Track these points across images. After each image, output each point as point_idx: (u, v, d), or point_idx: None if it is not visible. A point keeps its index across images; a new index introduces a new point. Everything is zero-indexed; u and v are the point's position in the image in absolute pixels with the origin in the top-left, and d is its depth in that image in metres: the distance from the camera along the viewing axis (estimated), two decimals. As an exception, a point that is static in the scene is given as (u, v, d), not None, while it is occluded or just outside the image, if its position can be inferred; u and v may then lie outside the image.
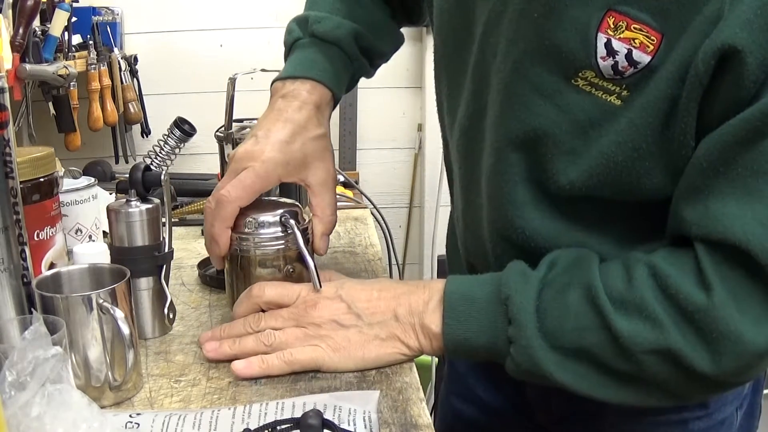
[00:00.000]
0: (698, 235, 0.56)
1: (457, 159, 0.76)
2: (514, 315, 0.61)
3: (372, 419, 0.58)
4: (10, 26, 1.40)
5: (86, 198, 0.91)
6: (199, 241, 1.11)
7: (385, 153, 2.19)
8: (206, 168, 2.00)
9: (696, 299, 0.55)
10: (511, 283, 0.62)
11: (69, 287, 0.67)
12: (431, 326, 0.66)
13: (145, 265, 0.76)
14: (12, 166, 0.63)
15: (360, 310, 0.68)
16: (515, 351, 0.61)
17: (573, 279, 0.61)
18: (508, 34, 0.63)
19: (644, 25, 0.55)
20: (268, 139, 0.73)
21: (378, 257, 1.01)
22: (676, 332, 0.56)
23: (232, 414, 0.58)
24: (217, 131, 0.97)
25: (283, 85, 0.78)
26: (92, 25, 1.80)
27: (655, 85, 0.56)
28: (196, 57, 2.02)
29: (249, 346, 0.69)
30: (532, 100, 0.62)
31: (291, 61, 0.81)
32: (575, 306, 0.60)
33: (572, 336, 0.59)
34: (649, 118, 0.57)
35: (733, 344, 0.54)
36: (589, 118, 0.60)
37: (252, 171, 0.71)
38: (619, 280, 0.59)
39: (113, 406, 0.63)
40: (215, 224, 0.70)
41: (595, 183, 0.61)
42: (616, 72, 0.57)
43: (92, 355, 0.62)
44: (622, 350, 0.58)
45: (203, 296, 0.89)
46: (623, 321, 0.57)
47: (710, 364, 0.55)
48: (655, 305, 0.57)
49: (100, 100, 1.82)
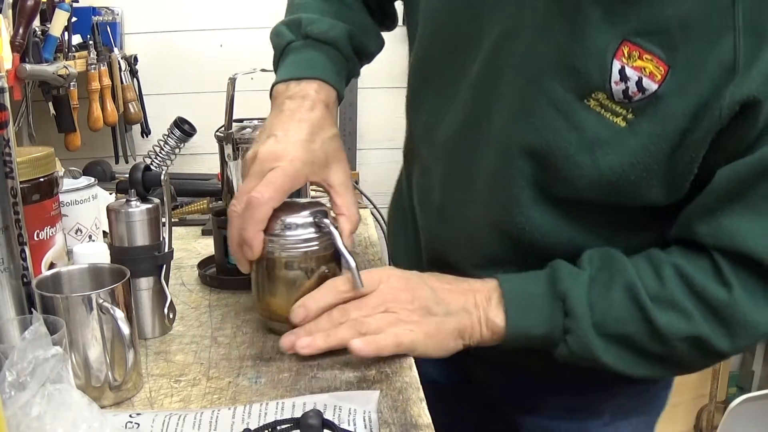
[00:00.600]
0: (714, 245, 0.67)
1: (443, 157, 0.80)
2: (572, 309, 0.69)
3: (372, 419, 0.58)
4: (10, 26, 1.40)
5: (86, 198, 0.91)
6: (199, 241, 1.11)
7: (385, 153, 2.19)
8: (206, 168, 2.00)
9: (720, 295, 0.66)
10: (567, 281, 0.70)
11: (69, 287, 0.67)
12: (495, 320, 0.72)
13: (145, 265, 0.76)
14: (12, 166, 0.63)
15: (441, 300, 0.72)
16: (572, 339, 0.70)
17: (614, 277, 0.70)
18: (524, 50, 0.68)
19: (654, 56, 0.62)
20: (288, 138, 0.71)
21: (378, 257, 1.01)
22: (703, 322, 0.67)
23: (232, 414, 0.58)
24: (217, 131, 0.97)
25: (287, 87, 0.77)
26: (92, 25, 1.80)
27: (663, 115, 0.63)
28: (196, 57, 2.02)
29: (345, 335, 0.68)
30: (548, 113, 0.68)
31: (289, 64, 0.80)
32: (619, 301, 0.69)
33: (617, 326, 0.69)
34: (661, 145, 0.64)
35: (749, 330, 0.67)
36: (597, 136, 0.66)
37: (281, 171, 0.69)
38: (652, 279, 0.69)
39: (113, 406, 0.63)
40: (248, 227, 0.68)
41: (599, 193, 0.68)
42: (626, 96, 0.64)
43: (92, 355, 0.62)
44: (659, 337, 0.68)
45: (203, 296, 0.89)
46: (661, 314, 0.68)
47: (729, 345, 0.67)
48: (685, 301, 0.67)
49: (100, 100, 1.82)
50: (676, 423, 2.33)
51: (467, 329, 0.73)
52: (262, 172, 0.69)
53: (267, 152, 0.71)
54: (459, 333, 0.73)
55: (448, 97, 0.77)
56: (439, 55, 0.78)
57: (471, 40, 0.73)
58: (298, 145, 0.71)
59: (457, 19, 0.75)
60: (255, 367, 0.70)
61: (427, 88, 0.81)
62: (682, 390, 2.29)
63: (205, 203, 1.27)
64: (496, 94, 0.72)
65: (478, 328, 0.73)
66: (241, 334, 0.77)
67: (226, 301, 0.87)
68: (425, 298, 0.72)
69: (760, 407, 1.94)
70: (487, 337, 0.73)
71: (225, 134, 0.95)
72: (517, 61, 0.69)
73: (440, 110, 0.79)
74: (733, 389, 2.36)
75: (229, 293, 0.89)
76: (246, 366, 0.70)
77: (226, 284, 0.90)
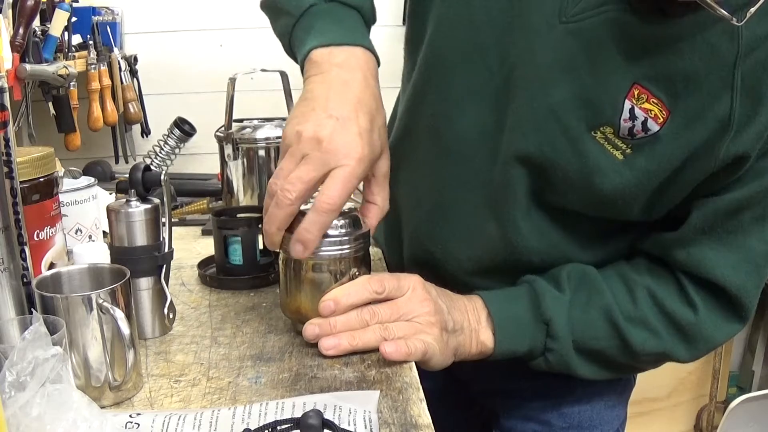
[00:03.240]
0: (683, 270, 0.76)
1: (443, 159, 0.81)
2: (555, 331, 0.77)
3: (372, 419, 0.58)
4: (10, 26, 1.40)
5: (86, 198, 0.91)
6: (199, 241, 1.11)
7: (385, 153, 2.19)
8: (206, 168, 2.00)
9: (686, 316, 0.76)
10: (549, 305, 0.77)
11: (69, 287, 0.67)
12: (486, 342, 0.77)
13: (145, 265, 0.76)
14: (12, 166, 0.63)
15: (450, 317, 0.75)
16: (552, 357, 0.78)
17: (591, 299, 0.77)
18: (544, 78, 0.72)
19: (659, 100, 0.68)
20: (353, 128, 0.67)
21: (378, 257, 1.01)
22: (670, 340, 0.77)
23: (232, 414, 0.58)
24: (217, 131, 0.97)
25: (330, 52, 0.72)
26: (92, 25, 1.80)
27: (658, 155, 0.70)
28: (196, 57, 2.02)
29: (370, 339, 0.70)
30: (555, 136, 0.72)
31: (323, 28, 0.75)
32: (596, 321, 0.77)
33: (593, 343, 0.77)
34: (651, 181, 0.71)
35: (708, 344, 0.77)
36: (597, 165, 0.72)
37: (351, 174, 0.66)
38: (627, 301, 0.77)
39: (113, 406, 0.63)
40: (311, 229, 0.67)
41: (585, 208, 0.76)
42: (630, 133, 0.70)
43: (92, 355, 0.62)
44: (630, 353, 0.77)
45: (203, 296, 0.89)
46: (634, 332, 0.76)
47: (688, 356, 0.78)
48: (656, 321, 0.76)
49: (100, 100, 1.82)
50: (676, 423, 2.33)
51: (462, 347, 0.77)
52: (325, 165, 0.65)
53: (332, 139, 0.66)
54: (457, 350, 0.76)
55: (457, 103, 0.78)
56: (453, 62, 0.78)
57: (490, 54, 0.75)
58: (365, 137, 0.67)
59: (477, 32, 0.75)
60: (255, 367, 0.70)
61: (435, 92, 0.81)
62: (682, 390, 2.29)
63: (205, 203, 1.27)
64: (509, 109, 0.74)
65: (470, 347, 0.77)
66: (241, 334, 0.77)
67: (226, 301, 0.87)
68: (443, 312, 0.74)
69: (760, 407, 1.94)
70: (475, 354, 0.78)
71: (225, 134, 0.95)
72: (534, 84, 0.72)
73: (447, 114, 0.79)
74: (733, 389, 2.36)
75: (229, 293, 0.89)
76: (246, 366, 0.70)
77: (226, 284, 0.91)
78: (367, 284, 0.71)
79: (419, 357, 0.70)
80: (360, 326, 0.71)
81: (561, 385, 0.89)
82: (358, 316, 0.71)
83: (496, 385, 0.94)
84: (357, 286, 0.71)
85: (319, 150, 0.66)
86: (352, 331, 0.70)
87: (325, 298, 0.71)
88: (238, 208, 0.96)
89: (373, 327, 0.70)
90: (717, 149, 0.68)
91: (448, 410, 0.94)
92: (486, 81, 0.76)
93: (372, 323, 0.71)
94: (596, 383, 0.89)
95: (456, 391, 0.99)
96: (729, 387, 2.35)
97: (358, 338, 0.70)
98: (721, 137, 0.68)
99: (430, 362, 0.72)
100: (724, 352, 2.23)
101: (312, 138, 0.66)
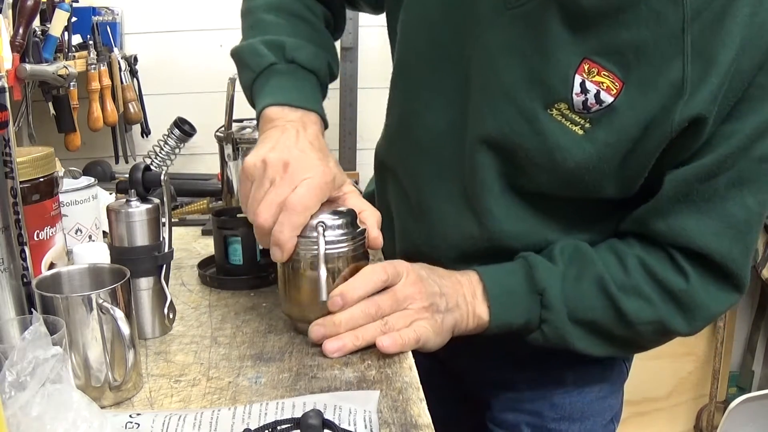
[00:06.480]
0: (666, 242, 0.76)
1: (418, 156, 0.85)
2: (549, 301, 0.77)
3: (372, 419, 0.58)
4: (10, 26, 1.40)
5: (86, 198, 0.91)
6: (199, 241, 1.11)
7: (385, 153, 2.19)
8: (206, 168, 2.00)
9: (678, 284, 0.76)
10: (543, 276, 0.77)
11: (69, 287, 0.67)
12: (482, 315, 0.78)
13: (145, 265, 0.76)
14: (12, 166, 0.63)
15: (443, 295, 0.76)
16: (548, 329, 0.78)
17: (584, 270, 0.78)
18: (495, 63, 0.75)
19: (611, 73, 0.70)
20: (314, 154, 0.74)
21: (378, 257, 1.01)
22: (664, 308, 0.76)
23: (232, 414, 0.58)
24: (217, 131, 0.97)
25: (282, 111, 0.80)
26: (92, 25, 1.80)
27: (616, 126, 0.71)
28: (196, 57, 2.02)
29: (372, 334, 0.71)
30: (515, 119, 0.75)
31: (281, 88, 0.82)
32: (589, 292, 0.77)
33: (588, 314, 0.77)
34: (613, 153, 0.72)
35: (703, 313, 0.77)
36: (557, 142, 0.73)
37: (319, 180, 0.72)
38: (618, 271, 0.77)
39: (113, 406, 0.63)
40: (285, 231, 0.70)
41: (557, 188, 0.77)
42: (584, 107, 0.72)
43: (92, 355, 0.62)
44: (626, 322, 0.77)
45: (203, 296, 0.89)
46: (627, 301, 0.76)
47: (686, 327, 0.77)
48: (648, 289, 0.76)
49: (100, 100, 1.82)
50: (676, 423, 2.33)
51: (460, 323, 0.78)
52: (293, 182, 0.71)
53: (298, 162, 0.72)
54: (454, 327, 0.77)
55: (423, 100, 0.83)
56: (417, 62, 0.84)
57: (447, 52, 0.80)
58: (322, 161, 0.74)
59: (435, 31, 0.81)
60: (255, 367, 0.70)
61: (403, 92, 0.87)
62: (682, 390, 2.29)
63: (205, 203, 1.27)
64: (470, 98, 0.78)
65: (467, 322, 0.78)
66: (241, 334, 0.77)
67: (226, 301, 0.87)
68: (433, 294, 0.75)
69: (760, 407, 1.94)
70: (472, 328, 0.79)
71: (225, 134, 0.95)
72: (487, 71, 0.76)
73: (416, 112, 0.84)
74: (733, 389, 2.36)
75: (229, 293, 0.89)
76: (246, 366, 0.70)
77: (226, 284, 0.91)
78: (372, 275, 0.73)
79: (413, 346, 0.72)
80: (364, 321, 0.72)
81: (552, 376, 0.91)
82: (362, 311, 0.72)
83: (488, 377, 0.96)
84: (362, 278, 0.73)
85: (285, 172, 0.71)
86: (355, 329, 0.72)
87: (332, 294, 0.72)
88: (238, 208, 0.96)
89: (375, 323, 0.72)
90: (672, 113, 0.69)
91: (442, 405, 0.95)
92: (447, 75, 0.80)
93: (377, 317, 0.72)
94: (587, 372, 0.91)
95: (450, 386, 1.00)
96: (729, 387, 2.35)
97: (361, 336, 0.71)
98: (675, 102, 0.69)
99: (425, 347, 0.74)
100: (724, 352, 2.23)
101: (278, 161, 0.72)
